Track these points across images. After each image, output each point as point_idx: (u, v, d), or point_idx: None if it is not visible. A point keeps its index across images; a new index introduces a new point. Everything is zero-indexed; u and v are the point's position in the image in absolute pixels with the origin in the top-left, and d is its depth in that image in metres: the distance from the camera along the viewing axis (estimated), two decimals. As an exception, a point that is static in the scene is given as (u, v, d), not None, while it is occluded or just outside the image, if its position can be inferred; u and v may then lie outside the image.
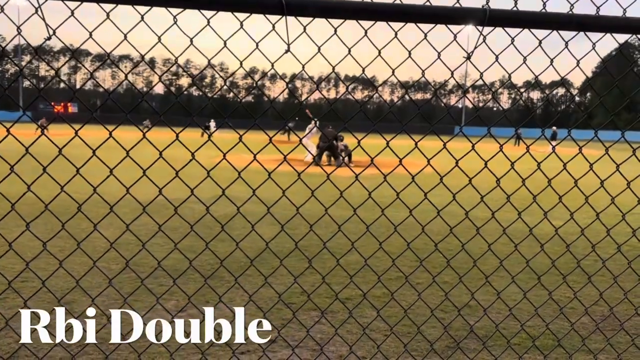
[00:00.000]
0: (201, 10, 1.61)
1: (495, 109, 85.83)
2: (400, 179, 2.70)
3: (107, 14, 1.63)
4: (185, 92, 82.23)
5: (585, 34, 1.83)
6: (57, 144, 1.84)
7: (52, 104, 49.53)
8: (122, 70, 2.22)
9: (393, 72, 1.95)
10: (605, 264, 2.60)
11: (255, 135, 2.01)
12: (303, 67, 1.87)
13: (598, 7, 1.84)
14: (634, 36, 2.22)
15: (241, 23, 1.65)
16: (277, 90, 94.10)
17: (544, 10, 1.72)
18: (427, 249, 5.14)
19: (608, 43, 2.38)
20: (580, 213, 2.40)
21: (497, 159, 2.19)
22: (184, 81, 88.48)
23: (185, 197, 2.07)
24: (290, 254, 2.64)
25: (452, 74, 1.98)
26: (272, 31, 1.66)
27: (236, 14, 1.62)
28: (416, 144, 2.05)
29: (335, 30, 1.75)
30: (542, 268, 2.76)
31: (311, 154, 3.72)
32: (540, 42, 1.87)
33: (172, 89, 78.18)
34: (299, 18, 1.64)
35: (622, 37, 2.40)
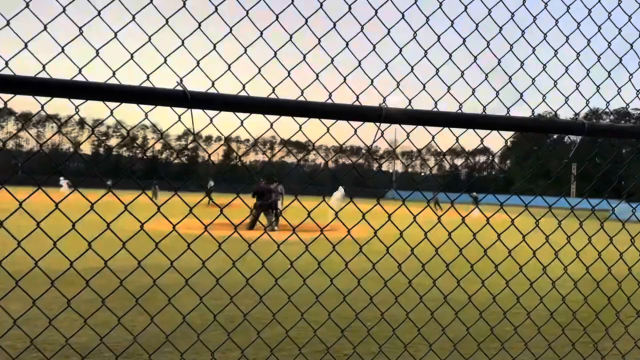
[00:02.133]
0: (105, 102, 1.59)
1: (422, 173, 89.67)
2: (328, 244, 2.74)
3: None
4: (115, 153, 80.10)
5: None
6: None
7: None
8: (31, 137, 2.16)
9: (313, 146, 2.04)
10: (518, 330, 2.71)
11: (187, 197, 2.00)
12: (226, 139, 1.91)
13: (484, 106, 2.04)
14: (547, 106, 2.47)
15: (146, 114, 1.67)
16: (212, 151, 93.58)
17: (435, 109, 1.88)
18: (350, 316, 5.12)
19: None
20: (497, 278, 2.52)
21: (426, 222, 2.27)
22: (114, 142, 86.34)
23: (102, 266, 1.99)
24: (211, 327, 2.57)
25: (369, 147, 2.10)
26: (181, 119, 1.68)
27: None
28: (351, 199, 2.11)
29: (242, 123, 1.78)
30: (459, 334, 2.84)
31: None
32: (458, 138, 2.03)
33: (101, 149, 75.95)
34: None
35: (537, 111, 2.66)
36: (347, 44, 1.94)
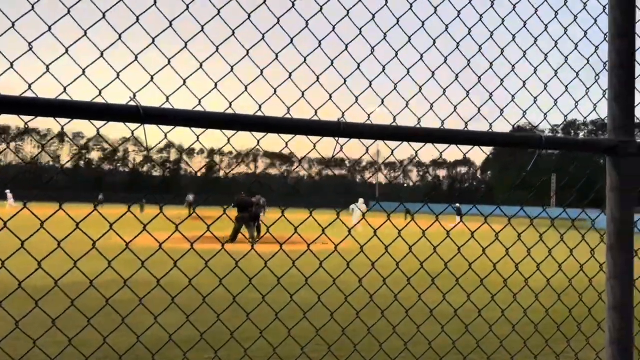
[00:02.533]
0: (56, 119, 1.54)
1: (405, 185, 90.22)
2: (320, 255, 2.74)
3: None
4: (95, 167, 79.07)
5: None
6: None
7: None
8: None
9: (300, 161, 2.06)
10: (503, 343, 2.75)
11: (170, 210, 1.99)
12: (210, 152, 1.91)
13: (443, 121, 2.08)
14: (525, 119, 2.52)
15: (98, 130, 1.64)
16: (196, 165, 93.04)
17: (394, 124, 1.89)
18: (337, 331, 5.11)
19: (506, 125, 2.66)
20: (483, 292, 2.55)
21: (412, 235, 2.29)
22: (95, 155, 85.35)
23: (84, 281, 1.97)
24: (197, 345, 2.54)
25: (367, 150, 2.12)
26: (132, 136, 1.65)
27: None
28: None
29: (198, 138, 1.76)
30: (445, 348, 2.86)
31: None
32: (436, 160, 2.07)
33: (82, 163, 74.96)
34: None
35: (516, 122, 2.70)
36: (305, 60, 1.94)
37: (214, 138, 2.00)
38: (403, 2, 2.08)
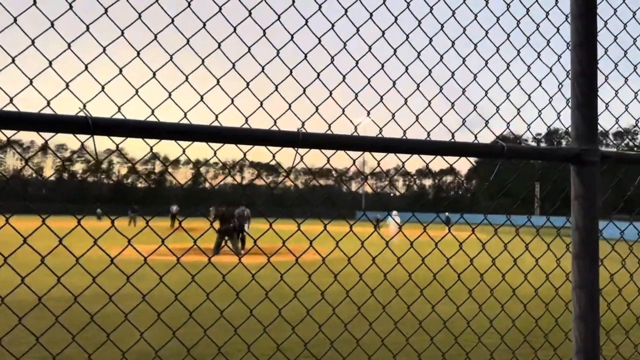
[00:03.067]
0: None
1: (392, 194, 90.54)
2: (305, 267, 2.73)
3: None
4: (79, 178, 78.16)
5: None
6: None
7: None
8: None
9: (288, 173, 2.06)
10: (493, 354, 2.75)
11: (155, 221, 1.96)
12: (195, 163, 1.89)
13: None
14: (508, 130, 2.54)
15: (46, 142, 1.60)
16: (180, 176, 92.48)
17: (355, 134, 1.85)
18: (326, 344, 5.08)
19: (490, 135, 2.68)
20: (471, 302, 2.55)
21: (400, 244, 2.30)
22: (78, 167, 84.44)
23: (67, 295, 1.93)
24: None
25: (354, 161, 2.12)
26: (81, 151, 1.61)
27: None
28: (325, 227, 2.09)
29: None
30: (435, 359, 2.85)
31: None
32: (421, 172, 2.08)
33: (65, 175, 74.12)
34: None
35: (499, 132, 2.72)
36: (262, 69, 1.90)
37: (199, 149, 1.98)
38: (388, 16, 2.10)
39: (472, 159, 2.53)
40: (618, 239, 2.49)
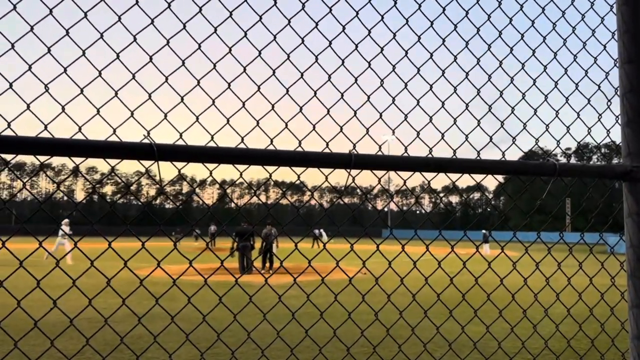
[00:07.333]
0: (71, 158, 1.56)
1: (418, 212, 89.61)
2: (333, 285, 2.72)
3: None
4: (109, 200, 79.81)
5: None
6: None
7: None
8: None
9: (312, 193, 2.06)
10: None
11: (184, 242, 1.99)
12: (221, 184, 1.92)
13: (454, 150, 2.08)
14: (537, 145, 2.51)
15: (112, 168, 1.66)
16: (206, 196, 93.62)
17: (405, 154, 1.88)
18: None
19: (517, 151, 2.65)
20: (501, 323, 2.50)
21: (425, 262, 2.28)
22: (108, 189, 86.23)
23: (97, 317, 1.96)
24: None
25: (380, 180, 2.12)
26: (147, 172, 1.67)
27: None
28: (352, 246, 2.09)
29: (211, 173, 1.78)
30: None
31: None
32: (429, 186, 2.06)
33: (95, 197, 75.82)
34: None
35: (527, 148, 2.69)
36: (315, 93, 1.96)
37: (224, 170, 2.03)
38: (412, 35, 2.12)
39: (500, 177, 2.50)
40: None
